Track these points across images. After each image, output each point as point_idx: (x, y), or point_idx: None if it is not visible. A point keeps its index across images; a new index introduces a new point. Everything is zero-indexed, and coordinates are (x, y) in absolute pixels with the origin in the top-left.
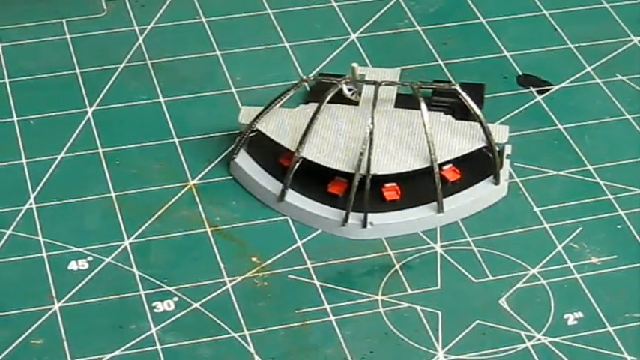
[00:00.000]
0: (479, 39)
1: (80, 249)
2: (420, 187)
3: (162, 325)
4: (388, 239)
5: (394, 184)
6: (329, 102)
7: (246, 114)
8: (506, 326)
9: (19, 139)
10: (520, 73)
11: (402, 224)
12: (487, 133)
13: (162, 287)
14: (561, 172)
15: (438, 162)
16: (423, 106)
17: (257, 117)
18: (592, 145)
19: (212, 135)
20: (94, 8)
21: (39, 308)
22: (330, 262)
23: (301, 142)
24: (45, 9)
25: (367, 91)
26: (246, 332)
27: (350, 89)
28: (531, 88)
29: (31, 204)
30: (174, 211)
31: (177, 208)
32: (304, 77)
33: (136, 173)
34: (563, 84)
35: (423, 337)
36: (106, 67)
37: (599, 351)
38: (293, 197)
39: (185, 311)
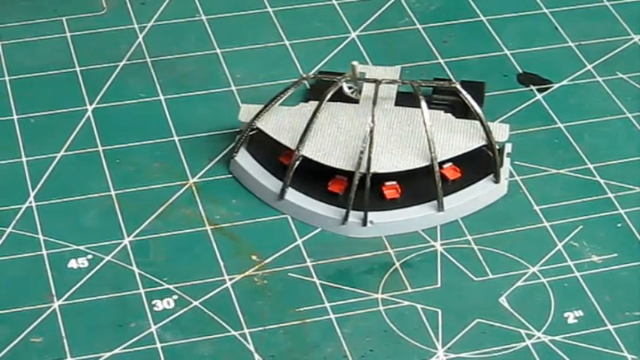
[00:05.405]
0: (479, 37)
1: (80, 247)
2: (420, 185)
3: (161, 323)
4: (388, 237)
5: (394, 183)
6: (329, 100)
7: (246, 112)
8: (506, 325)
9: (19, 137)
10: (520, 71)
11: (402, 223)
12: (487, 132)
13: (162, 285)
14: (561, 171)
15: (438, 160)
16: (423, 104)
17: (257, 115)
18: (592, 143)
19: (212, 133)
20: (93, 6)
21: (38, 306)
22: (330, 261)
23: (301, 140)
24: (45, 7)
25: (367, 89)
26: (246, 330)
27: (350, 87)
28: (531, 87)
29: (30, 202)
30: (174, 210)
31: (177, 206)
32: (304, 75)
33: (135, 171)
34: (564, 82)
35: (422, 336)
36: (105, 65)
37: (600, 350)
38: (293, 195)
39: (185, 309)
